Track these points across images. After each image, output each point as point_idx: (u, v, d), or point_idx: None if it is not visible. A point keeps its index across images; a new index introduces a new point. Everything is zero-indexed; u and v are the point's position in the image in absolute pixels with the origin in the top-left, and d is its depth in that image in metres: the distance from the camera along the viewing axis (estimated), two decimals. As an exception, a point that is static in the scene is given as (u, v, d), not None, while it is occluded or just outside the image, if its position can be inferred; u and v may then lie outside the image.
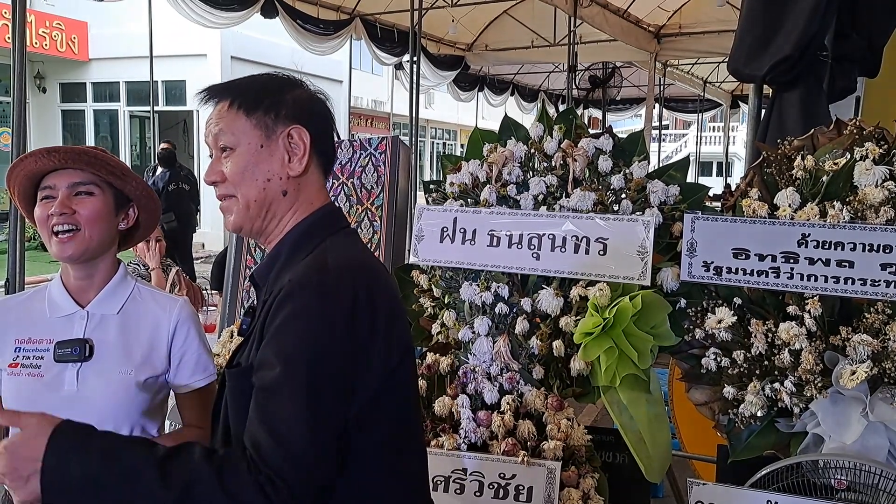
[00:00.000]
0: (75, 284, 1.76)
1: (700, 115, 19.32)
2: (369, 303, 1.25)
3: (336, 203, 3.06)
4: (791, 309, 2.22)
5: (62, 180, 1.68)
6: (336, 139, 1.45)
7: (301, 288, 1.22)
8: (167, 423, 2.02)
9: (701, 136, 21.72)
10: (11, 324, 1.74)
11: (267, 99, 1.34)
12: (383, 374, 1.27)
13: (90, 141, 16.43)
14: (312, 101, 1.39)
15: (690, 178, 2.69)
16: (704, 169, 30.72)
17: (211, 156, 1.38)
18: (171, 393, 1.87)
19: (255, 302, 1.42)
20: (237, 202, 1.34)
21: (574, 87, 11.52)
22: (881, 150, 2.26)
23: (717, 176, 27.84)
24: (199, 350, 1.83)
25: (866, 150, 2.27)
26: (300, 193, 1.36)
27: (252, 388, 1.21)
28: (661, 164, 2.57)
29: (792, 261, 2.23)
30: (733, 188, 2.57)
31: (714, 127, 29.85)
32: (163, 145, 9.44)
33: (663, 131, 22.64)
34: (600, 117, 15.00)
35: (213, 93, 1.37)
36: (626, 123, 21.21)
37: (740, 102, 17.77)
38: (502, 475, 2.23)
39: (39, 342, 1.72)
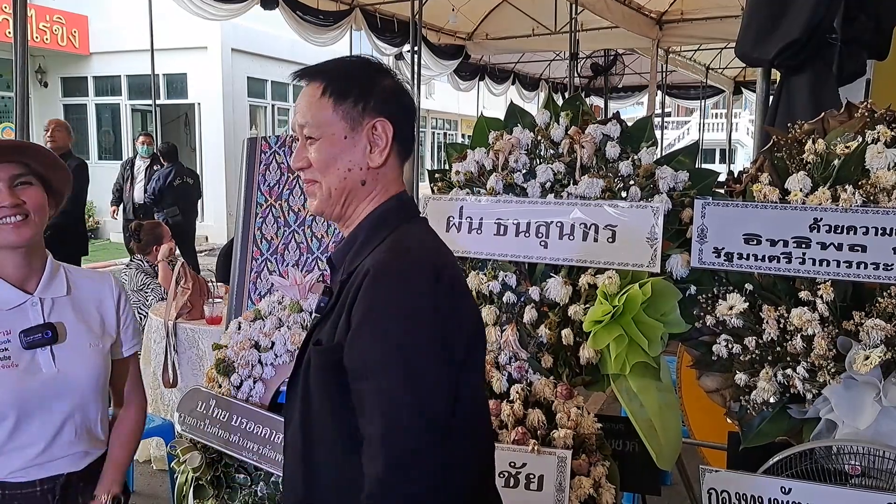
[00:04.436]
0: (16, 274, 1.80)
1: (703, 101, 19.23)
2: (449, 286, 1.32)
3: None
4: (803, 294, 2.20)
5: (2, 174, 1.72)
6: (416, 129, 1.51)
7: (384, 274, 1.29)
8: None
9: (703, 123, 21.62)
10: None
11: (356, 89, 1.38)
12: (462, 357, 1.33)
13: (92, 135, 16.43)
14: (399, 92, 1.43)
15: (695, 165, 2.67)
16: (707, 156, 30.64)
17: (296, 140, 1.44)
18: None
19: (329, 283, 1.52)
20: (320, 188, 1.41)
21: (576, 75, 11.47)
22: (893, 133, 2.24)
23: (720, 163, 27.76)
24: (133, 316, 2.01)
25: (878, 132, 2.25)
26: (378, 183, 1.42)
27: (336, 365, 1.30)
28: (664, 152, 2.55)
29: (804, 246, 2.21)
30: (737, 175, 2.55)
31: (717, 114, 29.74)
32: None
33: (665, 118, 22.56)
34: (602, 105, 14.95)
35: (308, 74, 1.42)
36: (628, 111, 21.14)
37: (743, 89, 17.71)
38: (513, 464, 2.22)
39: None
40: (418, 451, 1.24)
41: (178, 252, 6.44)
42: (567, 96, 3.07)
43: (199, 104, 15.56)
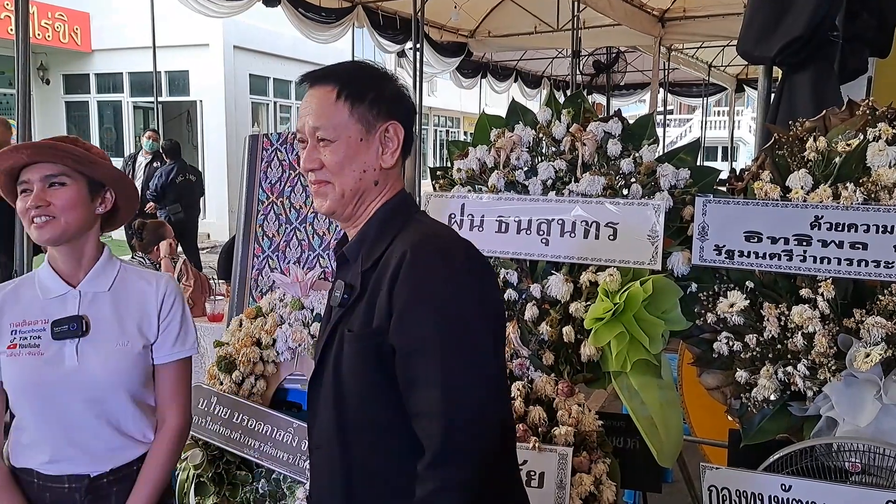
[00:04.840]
0: (64, 267, 1.86)
1: (705, 99, 19.19)
2: (478, 259, 1.42)
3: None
4: (804, 292, 2.20)
5: (35, 174, 1.78)
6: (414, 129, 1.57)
7: (424, 255, 1.36)
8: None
9: (706, 121, 21.57)
10: (4, 310, 1.84)
11: (371, 93, 1.43)
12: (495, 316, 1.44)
13: (94, 132, 16.44)
14: (403, 96, 1.50)
15: (697, 163, 2.66)
16: (709, 154, 30.55)
17: (304, 142, 1.45)
18: None
19: (337, 278, 1.55)
20: (333, 189, 1.45)
21: (578, 72, 11.43)
22: (894, 131, 2.24)
23: (723, 161, 27.70)
24: (182, 322, 1.95)
25: (879, 130, 2.25)
26: (387, 181, 1.48)
27: (376, 349, 1.36)
28: (666, 150, 2.57)
29: (805, 243, 2.21)
30: (739, 172, 2.55)
31: (719, 111, 29.69)
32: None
33: (668, 116, 22.51)
34: (604, 103, 14.92)
35: (317, 77, 1.45)
36: (630, 109, 21.07)
37: (745, 86, 17.65)
38: (514, 461, 2.23)
39: (35, 323, 1.81)
40: (482, 414, 1.31)
41: (180, 249, 6.45)
42: (571, 93, 3.07)
43: (200, 101, 15.57)
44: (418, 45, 9.15)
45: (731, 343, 2.27)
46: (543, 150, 2.69)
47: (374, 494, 1.42)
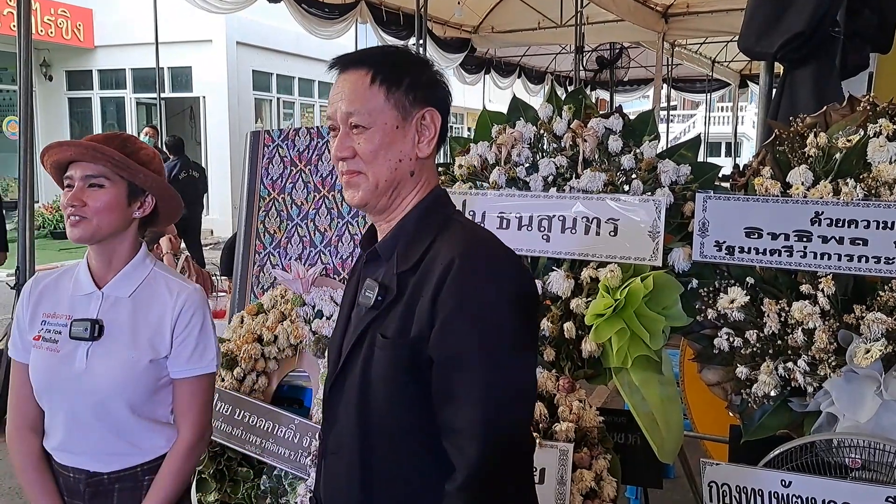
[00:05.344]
0: (96, 266, 1.86)
1: (708, 95, 19.15)
2: (523, 265, 1.39)
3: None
4: (804, 288, 2.20)
5: (78, 171, 1.79)
6: None
7: (473, 263, 1.29)
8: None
9: (709, 117, 21.53)
10: (42, 298, 1.87)
11: (407, 78, 1.36)
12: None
13: (97, 128, 16.44)
14: (441, 83, 1.42)
15: (700, 158, 2.66)
16: (713, 150, 30.48)
17: (335, 130, 1.38)
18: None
19: (364, 275, 1.46)
20: (366, 179, 1.36)
21: (581, 68, 11.43)
22: (895, 127, 2.24)
23: (726, 156, 27.63)
24: (199, 339, 1.86)
25: (880, 126, 2.25)
26: (423, 173, 1.40)
27: (413, 357, 1.30)
28: (669, 145, 2.57)
29: (805, 239, 2.21)
30: (742, 168, 2.55)
31: (722, 107, 29.62)
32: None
33: (671, 112, 22.46)
34: (608, 99, 14.89)
35: (349, 62, 1.37)
36: (633, 105, 21.03)
37: (749, 82, 17.62)
38: (515, 457, 2.23)
39: (60, 318, 1.83)
40: (517, 437, 1.29)
41: (183, 245, 6.47)
42: (573, 89, 3.06)
43: (203, 97, 15.58)
44: (421, 41, 9.14)
45: (731, 339, 2.28)
46: (544, 147, 2.69)
47: (392, 498, 1.37)
